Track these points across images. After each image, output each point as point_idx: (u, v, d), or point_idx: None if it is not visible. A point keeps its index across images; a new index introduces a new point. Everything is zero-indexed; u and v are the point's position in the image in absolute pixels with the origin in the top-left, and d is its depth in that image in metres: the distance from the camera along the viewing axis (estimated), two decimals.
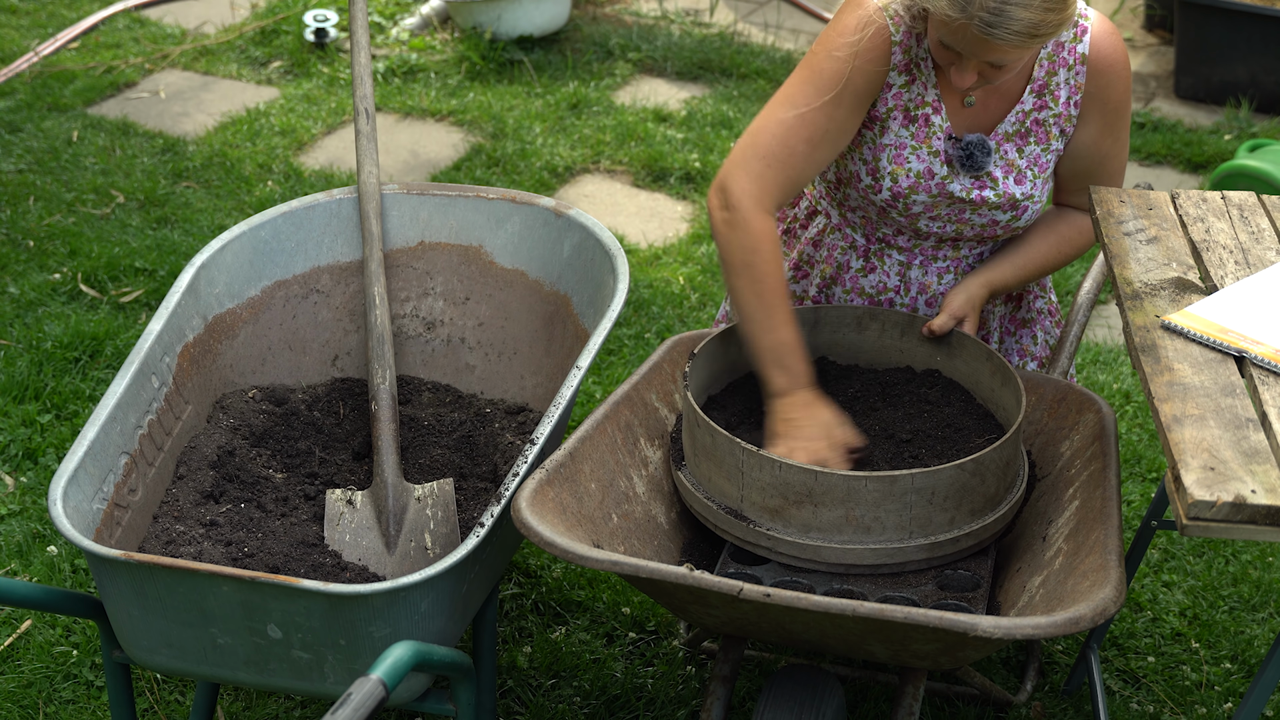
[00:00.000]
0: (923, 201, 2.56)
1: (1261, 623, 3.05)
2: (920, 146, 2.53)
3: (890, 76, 2.51)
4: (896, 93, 2.52)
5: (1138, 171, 4.90)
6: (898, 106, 2.53)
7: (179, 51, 5.54)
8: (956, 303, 2.61)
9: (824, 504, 2.26)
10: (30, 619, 2.96)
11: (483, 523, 2.25)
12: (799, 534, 2.30)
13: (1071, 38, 2.53)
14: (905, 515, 2.28)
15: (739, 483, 2.32)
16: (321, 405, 2.84)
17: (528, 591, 3.05)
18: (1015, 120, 2.56)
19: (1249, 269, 2.35)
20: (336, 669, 2.18)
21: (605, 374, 3.74)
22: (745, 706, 2.79)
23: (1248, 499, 1.85)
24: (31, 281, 4.02)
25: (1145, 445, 3.51)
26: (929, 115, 2.53)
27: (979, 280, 2.63)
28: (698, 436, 2.39)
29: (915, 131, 2.53)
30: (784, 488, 2.27)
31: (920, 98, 2.53)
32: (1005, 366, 2.50)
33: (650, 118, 5.10)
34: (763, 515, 2.32)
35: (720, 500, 2.38)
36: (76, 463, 2.30)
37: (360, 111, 2.97)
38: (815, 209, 2.75)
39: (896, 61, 2.50)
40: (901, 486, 2.25)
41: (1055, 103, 2.55)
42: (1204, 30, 5.21)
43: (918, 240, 2.65)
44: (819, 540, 2.30)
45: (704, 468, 2.40)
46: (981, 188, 2.56)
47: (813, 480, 2.25)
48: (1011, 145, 2.57)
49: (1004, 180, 2.56)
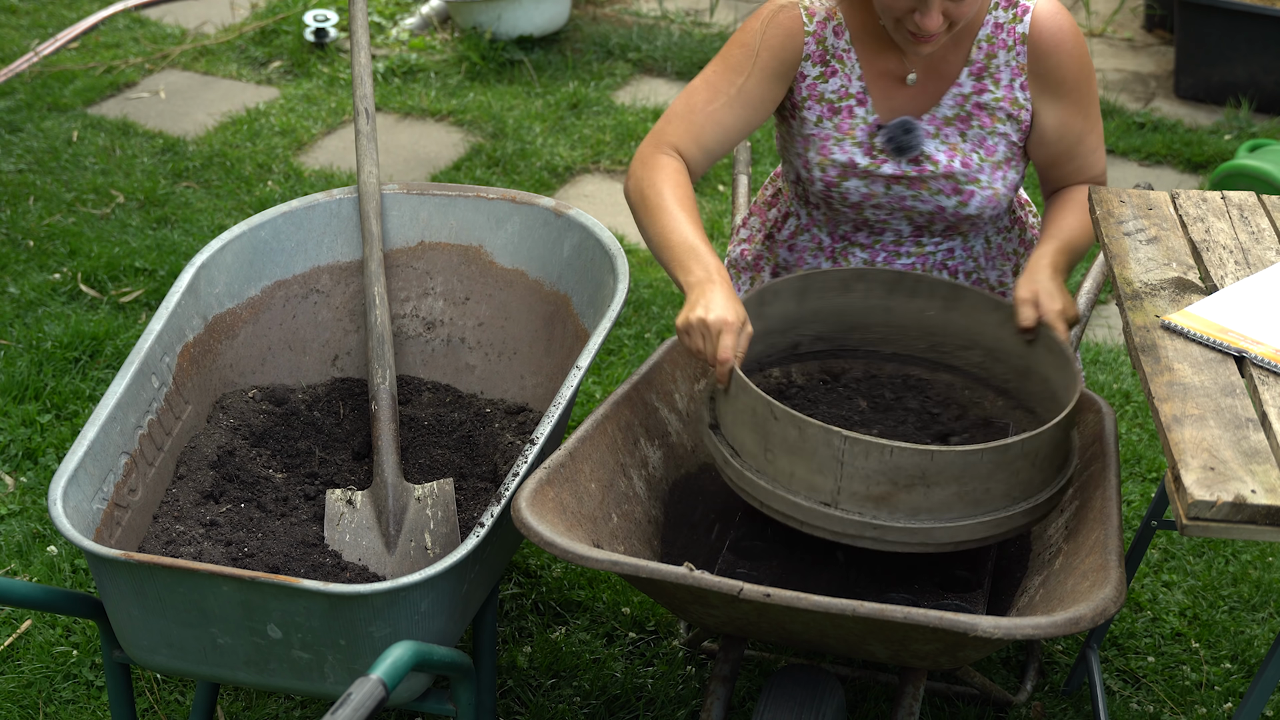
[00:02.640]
0: (857, 190, 2.58)
1: (1261, 623, 3.05)
2: (844, 138, 2.57)
3: (804, 66, 2.56)
4: (811, 83, 2.57)
5: (1138, 171, 4.90)
6: (813, 97, 2.57)
7: (179, 51, 5.54)
8: (1023, 290, 2.51)
9: (937, 483, 2.18)
10: (30, 619, 2.96)
11: (483, 523, 2.25)
12: (907, 518, 2.20)
13: (1011, 18, 2.53)
14: (1013, 482, 2.22)
15: (836, 474, 2.20)
16: (321, 405, 2.85)
17: (528, 591, 3.06)
18: (954, 103, 2.56)
19: (1249, 269, 2.35)
20: (336, 669, 2.18)
21: (605, 374, 3.74)
22: (745, 706, 2.79)
23: (1248, 499, 1.85)
24: (31, 281, 4.02)
25: (1145, 445, 3.51)
26: (852, 107, 2.57)
27: (1034, 262, 2.54)
28: (774, 431, 2.23)
29: (839, 123, 2.57)
30: (894, 473, 2.17)
31: (843, 89, 2.57)
32: (1002, 303, 2.48)
33: (650, 118, 5.10)
34: (865, 505, 2.21)
35: (809, 495, 2.24)
36: (76, 463, 2.30)
37: (360, 111, 2.97)
38: (789, 211, 2.76)
39: (810, 51, 2.55)
40: (1013, 453, 2.19)
41: (996, 85, 2.55)
42: (1204, 30, 5.21)
43: (876, 237, 2.66)
44: (930, 522, 2.20)
45: (782, 463, 2.24)
46: (919, 169, 2.57)
47: (928, 461, 2.15)
48: (953, 129, 2.57)
49: (946, 162, 2.56)
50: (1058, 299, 2.46)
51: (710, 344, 2.28)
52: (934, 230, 2.65)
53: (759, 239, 2.83)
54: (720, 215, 4.45)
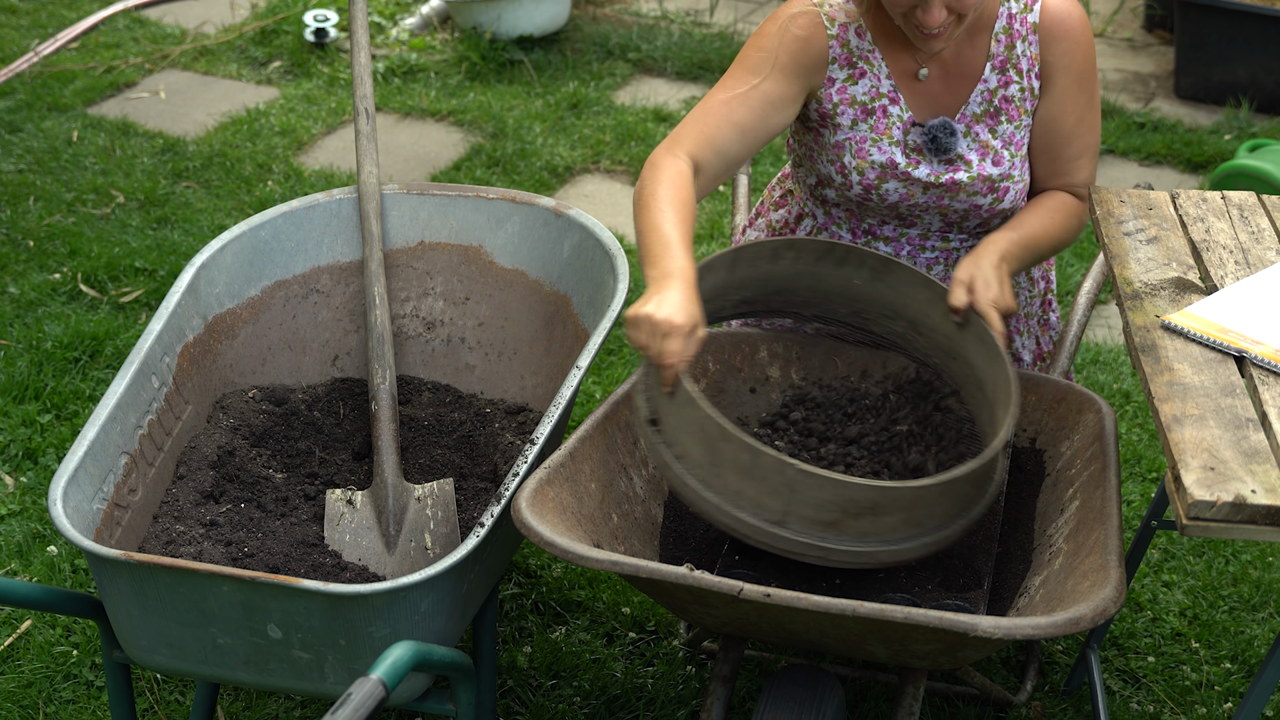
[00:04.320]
0: (896, 190, 2.57)
1: (1261, 623, 3.05)
2: (880, 138, 2.55)
3: (831, 70, 2.54)
4: (841, 87, 2.55)
5: (1138, 171, 4.90)
6: (844, 101, 2.55)
7: (179, 51, 5.54)
8: (961, 271, 2.50)
9: (886, 512, 2.19)
10: (30, 619, 2.96)
11: (483, 523, 2.25)
12: (854, 542, 2.21)
13: (1023, 8, 2.53)
14: (955, 504, 2.24)
15: (786, 499, 2.18)
16: (321, 405, 2.85)
17: (528, 591, 3.05)
18: (982, 99, 2.55)
19: (1249, 269, 2.35)
20: (336, 669, 2.18)
21: (605, 374, 3.74)
22: (745, 706, 2.79)
23: (1248, 499, 1.85)
24: (31, 281, 4.02)
25: (1145, 445, 3.51)
26: (886, 106, 2.55)
27: (983, 247, 2.52)
28: (724, 450, 2.19)
29: (874, 124, 2.56)
30: (846, 504, 2.17)
31: (874, 90, 2.55)
32: (939, 287, 2.47)
33: (650, 118, 5.10)
34: (814, 528, 2.20)
35: (756, 513, 2.21)
36: (76, 463, 2.30)
37: (360, 111, 2.97)
38: (803, 212, 2.75)
39: (836, 54, 2.54)
40: (959, 482, 2.20)
41: (1020, 76, 2.54)
42: (1204, 30, 5.21)
43: (903, 230, 2.65)
44: (876, 545, 2.22)
45: (730, 479, 2.20)
46: (954, 170, 2.55)
47: (879, 495, 2.16)
48: (983, 126, 2.56)
49: (979, 163, 2.55)
50: (993, 287, 2.43)
51: (656, 343, 2.24)
52: (965, 226, 2.64)
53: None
54: (720, 215, 4.44)
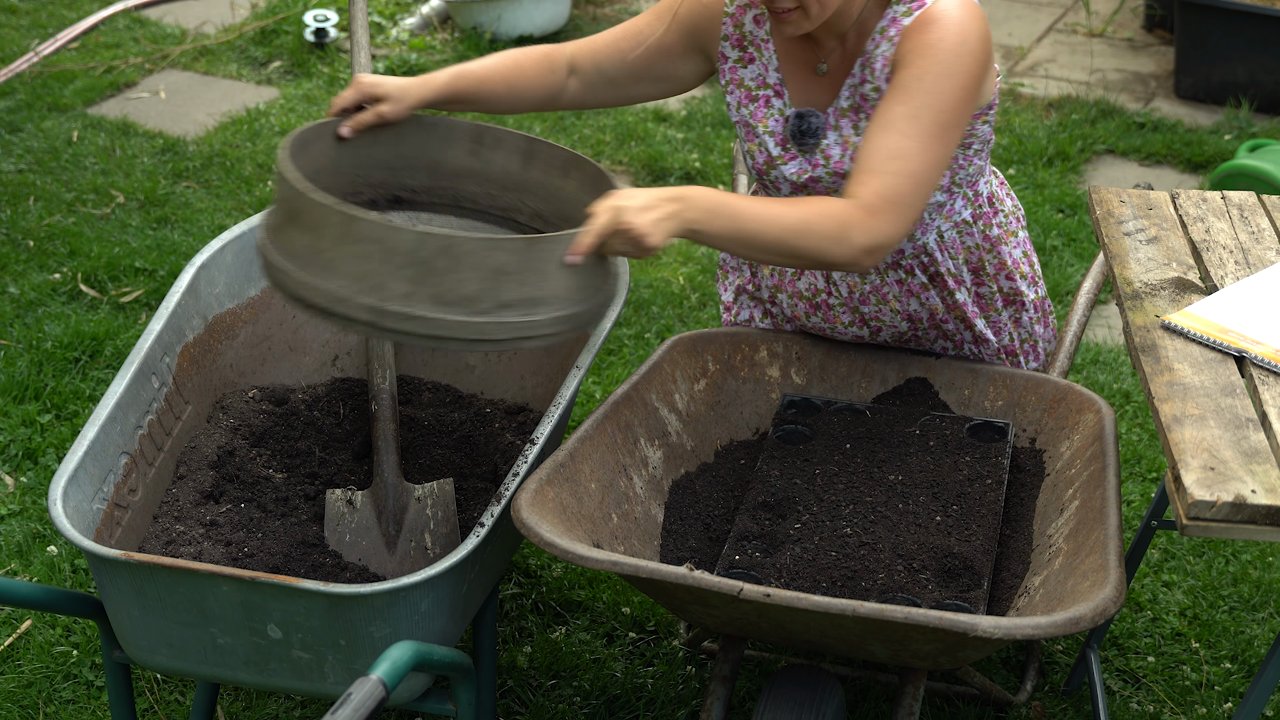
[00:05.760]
0: (778, 178, 2.57)
1: (1261, 623, 3.05)
2: (757, 126, 2.57)
3: (723, 47, 2.57)
4: (732, 66, 2.58)
5: (1138, 171, 4.90)
6: (734, 81, 2.58)
7: (179, 51, 5.54)
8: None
9: (468, 267, 2.08)
10: (30, 619, 2.96)
11: (483, 523, 2.25)
12: (463, 312, 2.11)
13: (904, 12, 2.42)
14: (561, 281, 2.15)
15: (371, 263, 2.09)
16: (321, 405, 2.84)
17: (528, 591, 3.06)
18: (849, 94, 2.52)
19: (1249, 269, 2.35)
20: (336, 669, 2.18)
21: (605, 374, 3.74)
22: (745, 706, 2.79)
23: (1248, 499, 1.85)
24: (31, 281, 4.02)
25: (1145, 445, 3.51)
26: (769, 98, 2.56)
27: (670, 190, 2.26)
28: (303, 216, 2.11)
29: (754, 111, 2.58)
30: (418, 251, 2.07)
31: (760, 79, 2.57)
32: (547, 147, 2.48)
33: (650, 117, 5.10)
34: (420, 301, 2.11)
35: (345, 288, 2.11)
36: (76, 463, 2.30)
37: None
38: (755, 191, 2.75)
39: (728, 33, 2.56)
40: (544, 244, 2.12)
41: (873, 76, 2.46)
42: (1204, 30, 5.21)
43: None
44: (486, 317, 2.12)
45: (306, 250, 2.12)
46: (814, 167, 2.54)
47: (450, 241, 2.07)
48: (848, 121, 2.52)
49: (838, 159, 2.52)
50: (637, 198, 2.17)
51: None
52: None
53: None
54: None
